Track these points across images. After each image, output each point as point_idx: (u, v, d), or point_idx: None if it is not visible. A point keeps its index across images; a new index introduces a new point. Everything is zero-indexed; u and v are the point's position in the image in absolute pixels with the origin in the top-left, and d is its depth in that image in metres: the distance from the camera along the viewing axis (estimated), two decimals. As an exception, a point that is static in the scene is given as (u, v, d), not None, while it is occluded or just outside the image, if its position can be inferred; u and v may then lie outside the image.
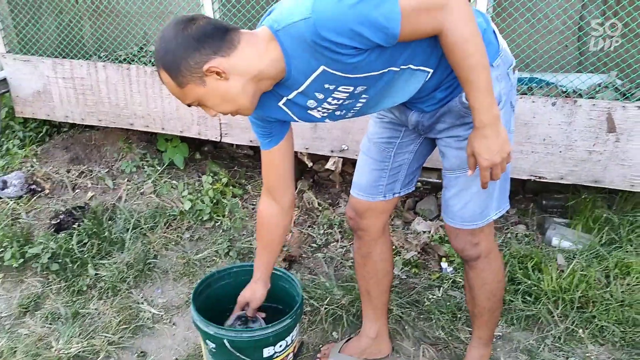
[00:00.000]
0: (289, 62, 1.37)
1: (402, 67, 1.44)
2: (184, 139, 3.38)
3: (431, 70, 1.49)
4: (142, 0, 3.10)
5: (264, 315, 1.89)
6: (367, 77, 1.41)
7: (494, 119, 1.41)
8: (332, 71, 1.36)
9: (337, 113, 1.54)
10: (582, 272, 2.38)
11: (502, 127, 1.43)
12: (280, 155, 1.68)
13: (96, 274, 2.54)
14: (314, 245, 2.82)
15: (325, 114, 1.54)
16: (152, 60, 3.21)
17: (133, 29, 3.20)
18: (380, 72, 1.41)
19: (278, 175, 1.72)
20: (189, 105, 1.43)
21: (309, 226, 2.95)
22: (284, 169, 1.71)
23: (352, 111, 1.56)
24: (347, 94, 1.45)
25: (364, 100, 1.51)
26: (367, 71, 1.39)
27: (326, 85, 1.41)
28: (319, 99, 1.46)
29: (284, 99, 1.49)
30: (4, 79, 3.38)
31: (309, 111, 1.52)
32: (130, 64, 3.12)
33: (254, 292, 1.85)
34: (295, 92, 1.46)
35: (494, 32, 1.57)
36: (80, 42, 3.42)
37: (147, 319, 2.32)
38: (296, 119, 1.58)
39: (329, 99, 1.46)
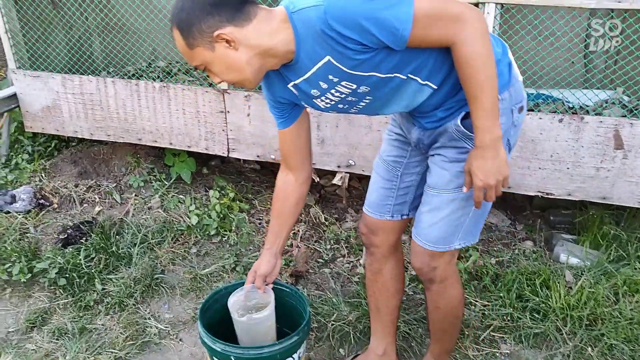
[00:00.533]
0: (298, 46, 1.39)
1: (409, 76, 1.44)
2: (191, 154, 3.39)
3: (435, 87, 1.50)
4: (151, 17, 3.13)
5: (272, 285, 1.88)
6: (371, 77, 1.42)
7: (495, 141, 1.41)
8: (336, 63, 1.38)
9: (340, 106, 1.57)
10: (590, 289, 2.37)
11: (503, 150, 1.43)
12: (294, 135, 1.73)
13: (103, 289, 2.55)
14: (321, 260, 2.82)
15: (328, 105, 1.56)
16: (161, 76, 3.25)
17: (142, 45, 3.23)
18: (386, 76, 1.42)
19: (292, 152, 1.77)
20: (196, 68, 1.46)
21: (315, 241, 2.95)
22: (298, 147, 1.76)
23: (355, 108, 1.58)
24: (350, 91, 1.47)
25: (367, 101, 1.53)
26: (371, 71, 1.40)
27: (330, 77, 1.43)
28: (322, 89, 1.48)
29: (292, 83, 1.53)
30: (14, 94, 3.42)
31: (313, 99, 1.55)
32: (139, 79, 3.15)
33: (261, 262, 1.85)
34: (301, 79, 1.48)
35: (509, 64, 1.56)
36: (90, 58, 3.45)
37: (154, 334, 2.32)
38: (303, 104, 1.62)
39: (332, 91, 1.48)
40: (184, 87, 3.01)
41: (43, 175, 3.43)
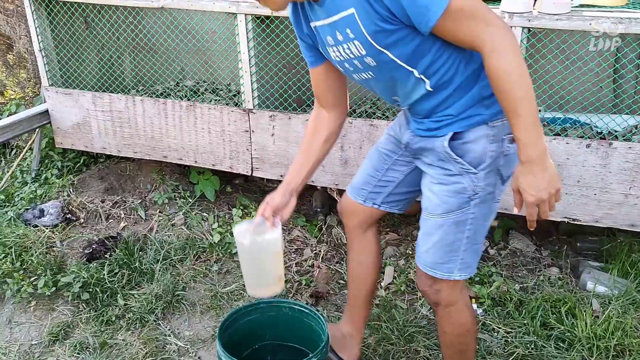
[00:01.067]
0: None
1: (414, 69, 1.47)
2: (215, 172, 3.43)
3: (430, 89, 1.51)
4: (181, 38, 3.20)
5: (279, 219, 1.77)
6: (382, 55, 1.44)
7: (541, 154, 1.37)
8: (358, 20, 1.40)
9: (346, 65, 1.59)
10: (618, 319, 2.31)
11: (551, 163, 1.39)
12: (323, 75, 1.74)
13: (125, 305, 2.57)
14: (342, 282, 2.80)
15: (337, 59, 1.59)
16: (188, 95, 3.30)
17: (171, 64, 3.30)
18: (395, 60, 1.45)
19: (323, 91, 1.78)
20: None
21: (337, 262, 2.94)
22: (329, 87, 1.77)
23: (357, 75, 1.60)
24: (359, 55, 1.49)
25: (369, 76, 1.57)
26: (386, 48, 1.43)
27: (347, 30, 1.45)
28: (337, 40, 1.51)
29: (313, 24, 1.57)
30: (46, 111, 3.51)
31: (327, 47, 1.58)
32: (167, 98, 3.20)
33: (275, 195, 1.78)
34: (321, 22, 1.52)
35: None
36: (120, 76, 3.53)
37: (173, 351, 2.33)
38: (318, 46, 1.64)
39: (344, 46, 1.50)
40: (210, 107, 3.05)
41: (71, 190, 3.49)
